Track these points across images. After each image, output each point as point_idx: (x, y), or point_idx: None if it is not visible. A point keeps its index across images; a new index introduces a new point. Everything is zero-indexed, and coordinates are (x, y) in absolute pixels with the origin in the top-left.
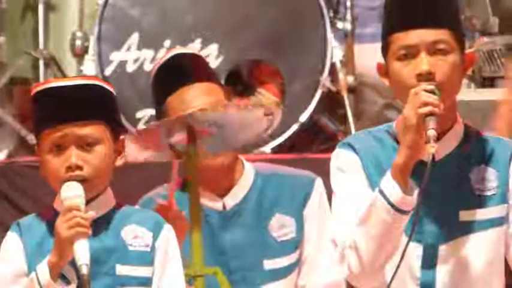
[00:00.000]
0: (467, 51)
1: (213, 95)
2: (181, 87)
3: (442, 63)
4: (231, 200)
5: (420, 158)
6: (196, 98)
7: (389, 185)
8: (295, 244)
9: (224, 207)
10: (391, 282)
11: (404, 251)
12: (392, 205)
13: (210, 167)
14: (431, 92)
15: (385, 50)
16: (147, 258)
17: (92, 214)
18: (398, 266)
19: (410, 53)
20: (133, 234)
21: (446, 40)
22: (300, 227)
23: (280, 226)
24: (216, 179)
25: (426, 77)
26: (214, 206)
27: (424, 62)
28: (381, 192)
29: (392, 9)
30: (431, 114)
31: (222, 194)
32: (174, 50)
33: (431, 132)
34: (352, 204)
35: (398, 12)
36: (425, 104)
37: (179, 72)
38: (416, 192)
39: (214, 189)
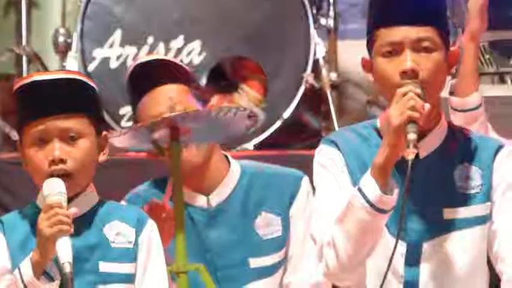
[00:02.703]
0: (452, 48)
1: (172, 96)
2: (144, 94)
3: (426, 61)
4: (216, 197)
5: (401, 157)
6: (154, 105)
7: (369, 183)
8: (281, 243)
9: (209, 205)
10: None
11: (393, 254)
12: (370, 204)
13: (186, 165)
14: (418, 95)
15: (370, 46)
16: (130, 255)
17: (74, 211)
18: (387, 270)
19: (394, 50)
20: (116, 231)
21: (430, 37)
22: (286, 226)
23: (266, 224)
24: (199, 177)
25: (410, 74)
26: (199, 203)
27: (408, 60)
28: (360, 190)
29: (377, 5)
30: (416, 120)
31: (207, 192)
32: (138, 59)
33: (412, 136)
34: (333, 202)
35: (383, 8)
36: (414, 109)
37: (141, 81)
38: (396, 191)
39: (199, 187)
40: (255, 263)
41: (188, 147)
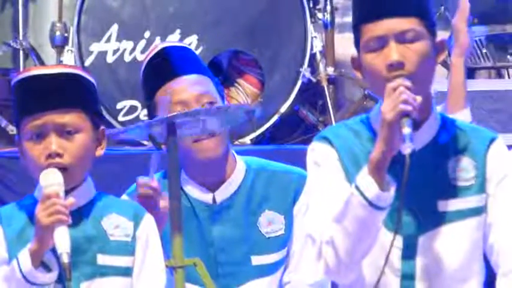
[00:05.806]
0: (439, 38)
1: (200, 87)
2: (167, 82)
3: (411, 53)
4: (222, 194)
5: (396, 153)
6: (182, 91)
7: (366, 180)
8: (284, 241)
9: (214, 201)
10: (377, 283)
11: (390, 249)
12: (368, 201)
13: (207, 158)
14: (408, 88)
15: (356, 42)
16: (128, 248)
17: (72, 201)
18: (384, 266)
19: (380, 44)
20: (114, 223)
21: (415, 29)
22: (290, 224)
23: (269, 222)
24: (208, 173)
25: (397, 67)
26: (205, 199)
27: (393, 52)
28: (357, 188)
29: (359, 1)
30: (409, 114)
31: (213, 187)
32: (160, 44)
33: (407, 131)
34: (329, 199)
35: (365, 3)
36: (406, 102)
37: (165, 68)
38: (393, 188)
39: (206, 182)
40: (257, 260)
41: (211, 138)
